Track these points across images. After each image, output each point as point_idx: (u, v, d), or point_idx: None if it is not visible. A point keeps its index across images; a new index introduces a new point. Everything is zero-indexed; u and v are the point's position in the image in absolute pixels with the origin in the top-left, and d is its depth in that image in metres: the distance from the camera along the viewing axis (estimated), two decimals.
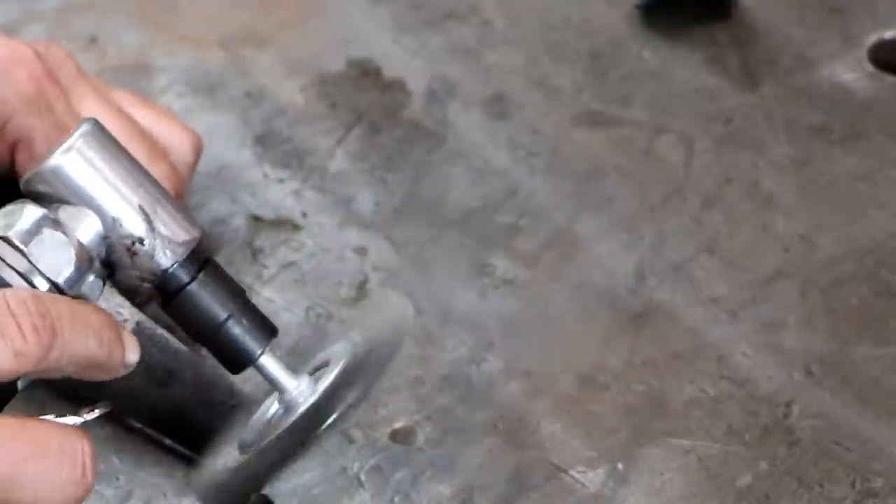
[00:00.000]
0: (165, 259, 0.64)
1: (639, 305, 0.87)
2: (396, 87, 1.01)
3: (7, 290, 0.60)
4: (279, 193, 0.94)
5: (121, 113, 0.77)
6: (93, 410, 0.65)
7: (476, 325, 0.86)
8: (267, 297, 0.87)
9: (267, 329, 0.66)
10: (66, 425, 0.60)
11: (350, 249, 0.90)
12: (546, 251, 0.90)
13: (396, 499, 0.77)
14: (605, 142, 0.97)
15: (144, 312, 0.73)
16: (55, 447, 0.59)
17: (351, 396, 0.63)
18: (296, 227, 0.92)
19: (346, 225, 0.92)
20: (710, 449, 0.79)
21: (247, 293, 0.67)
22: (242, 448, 0.65)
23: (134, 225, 0.63)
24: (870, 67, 1.01)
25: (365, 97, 1.00)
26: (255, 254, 0.90)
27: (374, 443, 0.80)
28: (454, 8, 1.06)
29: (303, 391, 0.65)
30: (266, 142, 0.97)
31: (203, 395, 0.74)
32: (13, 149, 0.73)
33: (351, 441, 0.80)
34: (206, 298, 0.65)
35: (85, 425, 0.62)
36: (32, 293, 0.60)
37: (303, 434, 0.63)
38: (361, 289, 0.88)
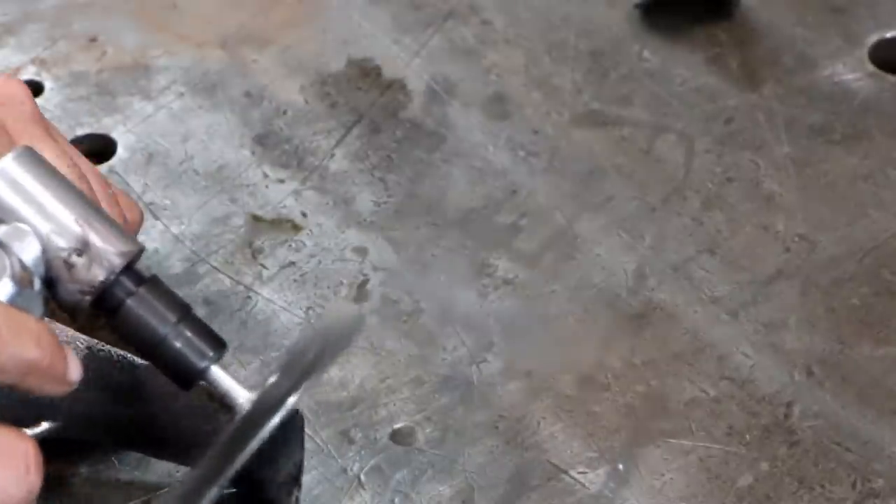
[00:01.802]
0: (102, 271, 0.64)
1: (639, 305, 0.87)
2: (396, 87, 1.01)
3: None
4: (279, 193, 0.94)
5: (70, 159, 0.75)
6: (38, 425, 0.65)
7: (476, 325, 0.86)
8: (267, 297, 0.87)
9: (214, 341, 0.66)
10: (9, 427, 0.61)
11: (350, 249, 0.90)
12: (546, 251, 0.90)
13: (396, 499, 0.77)
14: (605, 142, 0.97)
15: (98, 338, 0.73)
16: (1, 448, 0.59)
17: (288, 394, 0.63)
18: (296, 227, 0.92)
19: (346, 225, 0.92)
20: (711, 449, 0.79)
21: (192, 310, 0.67)
22: (201, 466, 0.65)
23: (68, 237, 0.64)
24: (871, 67, 1.01)
25: (365, 97, 1.00)
26: (255, 254, 0.90)
27: (374, 443, 0.80)
28: (454, 8, 1.06)
29: (252, 399, 0.65)
30: (266, 142, 0.97)
31: (168, 404, 0.74)
32: None
33: (351, 441, 0.80)
34: (146, 313, 0.65)
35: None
36: None
37: (246, 435, 0.63)
38: (361, 289, 0.88)
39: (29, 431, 0.64)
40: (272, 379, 0.64)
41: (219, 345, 0.66)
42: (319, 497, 0.77)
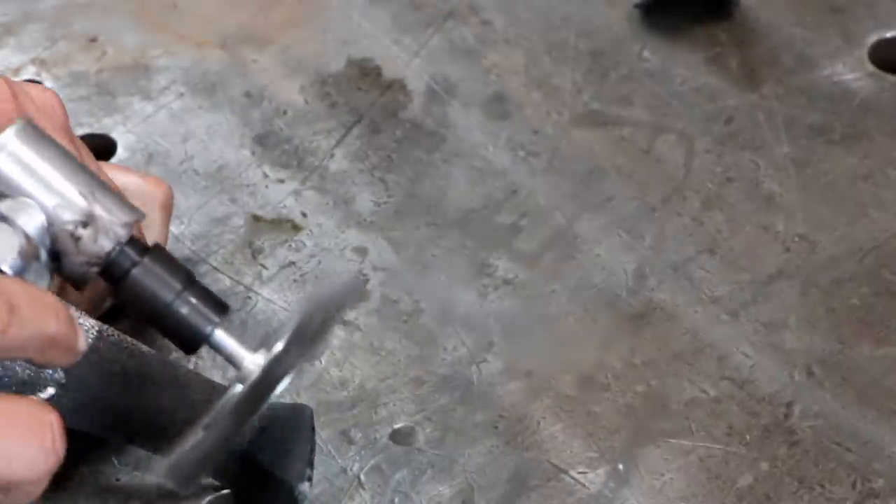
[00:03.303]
0: (108, 242, 0.65)
1: (639, 305, 0.87)
2: (396, 87, 1.01)
3: None
4: (279, 193, 0.94)
5: (101, 173, 0.76)
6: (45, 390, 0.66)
7: (476, 325, 0.86)
8: (267, 297, 0.87)
9: (217, 306, 0.67)
10: (31, 398, 0.61)
11: (350, 249, 0.90)
12: (546, 251, 0.90)
13: (396, 499, 0.77)
14: (605, 142, 0.97)
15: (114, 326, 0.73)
16: (25, 419, 0.59)
17: (296, 358, 0.63)
18: (296, 227, 0.92)
19: (345, 225, 0.92)
20: (711, 449, 0.79)
21: (195, 276, 0.67)
22: (205, 427, 0.65)
23: (74, 210, 0.64)
24: (870, 67, 1.01)
25: (365, 97, 1.00)
26: (255, 254, 0.90)
27: (374, 443, 0.80)
28: (454, 8, 1.06)
29: (259, 364, 0.65)
30: (266, 142, 0.97)
31: (182, 394, 0.74)
32: None
33: (351, 441, 0.80)
34: (152, 281, 0.66)
35: None
36: None
37: (255, 400, 0.63)
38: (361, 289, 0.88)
39: (39, 395, 0.64)
40: (279, 345, 0.64)
41: (222, 309, 0.67)
42: (319, 497, 0.77)
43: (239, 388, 0.66)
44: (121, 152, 0.96)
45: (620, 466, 0.79)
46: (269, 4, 1.08)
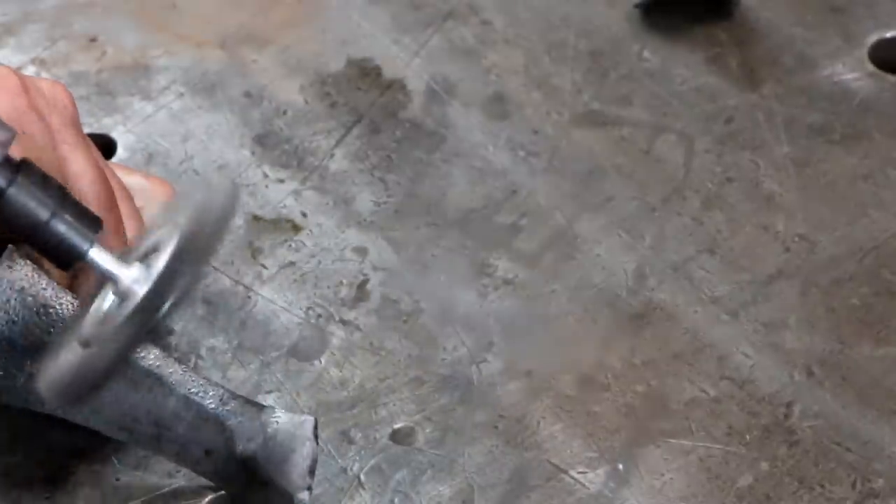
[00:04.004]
0: None
1: (639, 305, 0.87)
2: (396, 87, 1.01)
3: None
4: (279, 193, 0.94)
5: (103, 167, 0.76)
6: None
7: (476, 325, 0.86)
8: (267, 297, 0.87)
9: (92, 221, 0.66)
10: None
11: (350, 249, 0.90)
12: (546, 251, 0.90)
13: (396, 499, 0.77)
14: (605, 142, 0.97)
15: None
16: None
17: (186, 278, 0.62)
18: (296, 227, 0.92)
19: (345, 225, 0.92)
20: (711, 449, 0.79)
21: (68, 191, 0.66)
22: (83, 343, 0.64)
23: None
24: (870, 67, 1.01)
25: (365, 97, 1.00)
26: (255, 254, 0.90)
27: (374, 443, 0.80)
28: (454, 8, 1.06)
29: (136, 279, 0.64)
30: (266, 142, 0.97)
31: (182, 393, 0.74)
32: None
33: (351, 441, 0.80)
34: (27, 199, 0.65)
35: None
36: None
37: (143, 321, 0.63)
38: (361, 289, 0.88)
39: None
40: (162, 259, 0.63)
41: (97, 224, 0.66)
42: (319, 497, 0.77)
43: (112, 300, 0.64)
44: (121, 152, 0.96)
45: (620, 466, 0.79)
46: (268, 4, 1.07)
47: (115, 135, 0.98)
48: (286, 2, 1.08)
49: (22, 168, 0.65)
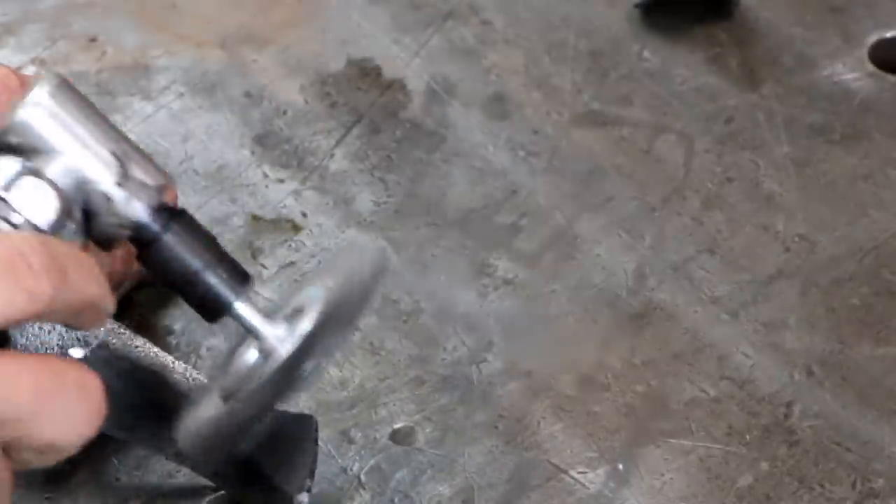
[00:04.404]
0: (140, 204, 0.64)
1: (639, 305, 0.87)
2: (396, 87, 1.01)
3: (14, 234, 0.59)
4: (279, 193, 0.94)
5: None
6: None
7: (476, 325, 0.86)
8: (267, 298, 0.87)
9: (242, 277, 0.66)
10: (79, 361, 0.60)
11: None
12: (546, 251, 0.90)
13: (396, 499, 0.77)
14: (605, 142, 0.97)
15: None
16: (73, 381, 0.59)
17: (330, 342, 0.63)
18: (296, 227, 0.92)
19: (345, 225, 0.92)
20: (711, 449, 0.79)
21: (218, 242, 0.67)
22: (225, 397, 0.65)
23: (108, 170, 0.64)
24: (870, 67, 1.01)
25: (365, 97, 1.00)
26: (255, 254, 0.90)
27: (374, 443, 0.80)
28: (454, 8, 1.06)
29: (280, 337, 0.65)
30: (266, 142, 0.97)
31: (184, 393, 0.74)
32: None
33: (351, 441, 0.80)
34: (181, 247, 0.65)
35: None
36: (39, 236, 0.60)
37: (285, 381, 0.63)
38: None
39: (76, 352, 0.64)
40: (307, 322, 0.63)
41: (246, 279, 0.66)
42: (319, 497, 0.77)
43: (254, 353, 0.65)
44: None
45: (620, 466, 0.79)
46: (268, 4, 1.08)
47: None
48: (286, 2, 1.08)
49: (178, 216, 0.65)
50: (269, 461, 0.74)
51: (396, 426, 0.81)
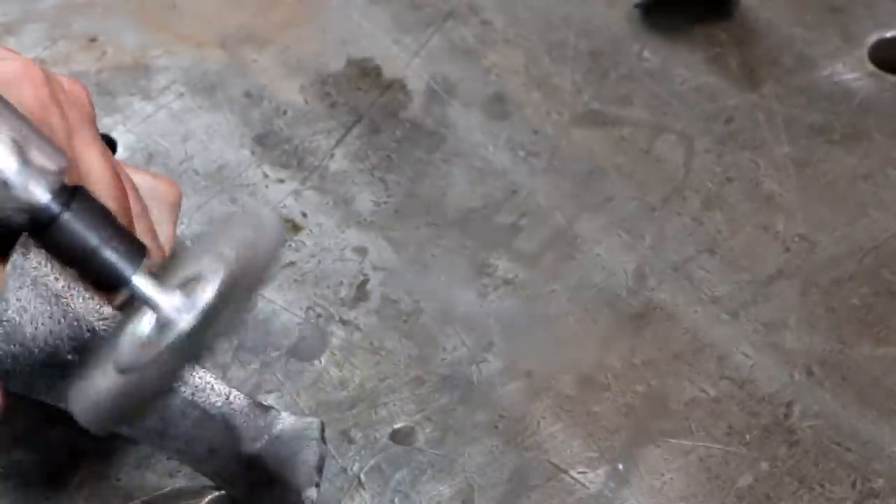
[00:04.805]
0: (40, 189, 0.64)
1: (639, 305, 0.87)
2: (396, 87, 1.01)
3: None
4: (279, 193, 0.94)
5: (115, 165, 0.77)
6: None
7: (476, 325, 0.86)
8: (267, 298, 0.87)
9: (138, 250, 0.66)
10: None
11: (350, 249, 0.90)
12: (546, 251, 0.90)
13: (396, 499, 0.77)
14: (605, 142, 0.97)
15: None
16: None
17: (231, 314, 0.62)
18: (296, 227, 0.92)
19: (345, 225, 0.92)
20: (711, 449, 0.79)
21: (115, 217, 0.66)
22: (120, 369, 0.64)
23: (6, 157, 0.63)
24: (870, 67, 1.01)
25: (365, 97, 1.00)
26: None
27: (374, 443, 0.80)
28: (454, 8, 1.06)
29: (177, 307, 0.64)
30: (266, 142, 0.97)
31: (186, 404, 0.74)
32: None
33: (351, 441, 0.80)
34: (79, 227, 0.64)
35: None
36: None
37: (185, 353, 0.62)
38: (361, 289, 0.88)
39: None
40: (206, 294, 0.62)
41: (142, 252, 0.66)
42: (319, 497, 0.77)
43: (149, 323, 0.64)
44: (121, 152, 0.96)
45: (620, 466, 0.79)
46: (268, 4, 1.07)
47: (115, 135, 0.98)
48: (286, 2, 1.08)
49: (75, 195, 0.65)
50: (275, 459, 0.74)
51: (396, 426, 0.81)
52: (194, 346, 0.61)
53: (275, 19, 1.06)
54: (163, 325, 0.63)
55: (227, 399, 0.74)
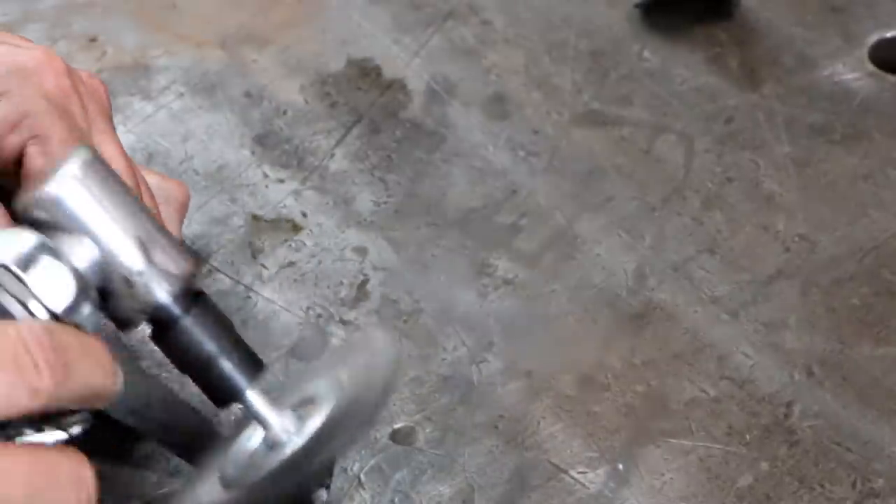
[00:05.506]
0: (161, 291, 0.63)
1: (639, 305, 0.87)
2: (396, 87, 1.01)
3: (20, 325, 0.58)
4: (279, 193, 0.94)
5: (130, 159, 0.77)
6: (75, 424, 0.64)
7: (476, 325, 0.86)
8: (267, 297, 0.87)
9: (255, 364, 0.65)
10: (75, 452, 0.59)
11: (350, 249, 0.90)
12: (546, 251, 0.90)
13: (396, 499, 0.77)
14: (605, 142, 0.97)
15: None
16: (66, 476, 0.58)
17: (338, 444, 0.61)
18: (296, 227, 0.92)
19: (345, 225, 0.92)
20: (711, 449, 0.79)
21: (235, 327, 0.66)
22: (226, 483, 0.64)
23: (132, 255, 0.62)
24: (870, 67, 1.01)
25: (365, 97, 1.00)
26: (255, 254, 0.90)
27: (374, 443, 0.80)
28: (454, 8, 1.06)
29: (287, 429, 0.64)
30: (266, 142, 0.97)
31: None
32: (26, 144, 0.72)
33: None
34: (198, 332, 0.64)
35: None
36: (45, 327, 0.58)
37: (290, 475, 0.62)
38: (361, 289, 0.88)
39: (70, 430, 0.63)
40: (316, 420, 0.62)
41: (259, 367, 0.65)
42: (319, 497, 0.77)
43: (258, 440, 0.64)
44: None
45: (620, 466, 0.79)
46: (268, 4, 1.08)
47: None
48: (286, 2, 1.08)
49: (198, 301, 0.64)
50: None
51: (396, 426, 0.81)
52: (302, 470, 0.61)
53: (275, 19, 1.06)
54: (271, 444, 0.63)
55: None
